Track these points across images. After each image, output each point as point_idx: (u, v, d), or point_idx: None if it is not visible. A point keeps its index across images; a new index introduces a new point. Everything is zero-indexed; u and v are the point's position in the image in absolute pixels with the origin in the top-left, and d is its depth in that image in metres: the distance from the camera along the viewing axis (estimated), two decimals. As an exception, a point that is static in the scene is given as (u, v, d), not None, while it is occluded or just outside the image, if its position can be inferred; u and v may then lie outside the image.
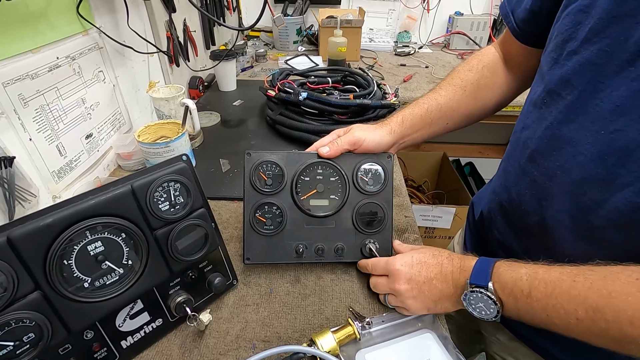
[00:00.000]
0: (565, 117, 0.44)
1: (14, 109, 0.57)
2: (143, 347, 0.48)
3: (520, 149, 0.51)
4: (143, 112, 0.97)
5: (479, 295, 0.42)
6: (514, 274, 0.41)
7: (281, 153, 0.57)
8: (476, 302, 0.43)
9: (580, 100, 0.42)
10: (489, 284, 0.42)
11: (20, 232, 0.35)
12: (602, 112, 0.39)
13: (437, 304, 0.48)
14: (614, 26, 0.38)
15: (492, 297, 0.41)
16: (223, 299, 0.55)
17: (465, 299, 0.44)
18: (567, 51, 0.44)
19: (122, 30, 0.84)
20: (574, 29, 0.43)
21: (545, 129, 0.46)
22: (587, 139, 0.36)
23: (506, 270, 0.42)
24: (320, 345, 0.45)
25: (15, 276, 0.35)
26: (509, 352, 0.61)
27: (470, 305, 0.44)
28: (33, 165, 0.61)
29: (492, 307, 0.42)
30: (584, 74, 0.41)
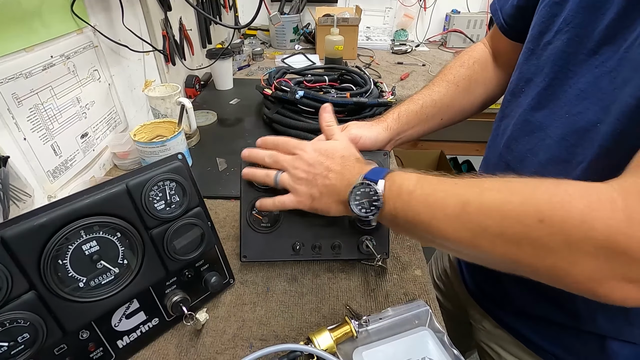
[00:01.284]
0: (537, 104, 0.46)
1: (7, 108, 0.56)
2: (139, 346, 0.47)
3: (500, 137, 0.54)
4: (139, 111, 0.97)
5: (366, 190, 0.42)
6: (406, 175, 0.42)
7: (277, 151, 0.57)
8: (361, 197, 0.43)
9: (551, 87, 0.44)
10: (380, 181, 0.42)
11: (14, 232, 0.35)
12: (569, 97, 0.42)
13: (322, 197, 0.47)
14: (582, 16, 0.41)
15: (379, 193, 0.41)
16: (220, 298, 0.54)
17: (353, 192, 0.43)
18: (544, 42, 0.46)
19: (117, 28, 0.83)
20: (550, 20, 0.45)
21: (519, 115, 0.49)
22: (555, 122, 0.38)
23: (400, 172, 0.43)
24: (318, 344, 0.45)
25: (9, 276, 0.35)
26: (494, 340, 0.62)
27: (355, 199, 0.43)
28: (28, 165, 0.60)
29: (375, 204, 0.42)
30: (556, 62, 0.44)
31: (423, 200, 0.38)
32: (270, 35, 1.81)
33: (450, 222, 0.35)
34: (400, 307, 0.52)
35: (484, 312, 0.63)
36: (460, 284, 0.71)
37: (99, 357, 0.44)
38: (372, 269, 0.59)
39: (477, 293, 0.66)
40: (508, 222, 0.32)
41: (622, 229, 0.27)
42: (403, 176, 0.42)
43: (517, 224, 0.31)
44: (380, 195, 0.41)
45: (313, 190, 0.47)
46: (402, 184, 0.41)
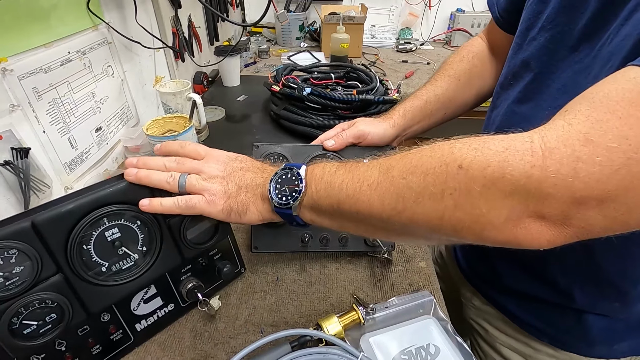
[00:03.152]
0: (523, 96, 0.49)
1: (28, 102, 0.58)
2: (156, 330, 0.50)
3: (490, 127, 0.56)
4: (149, 107, 0.99)
5: (287, 176, 0.42)
6: (327, 162, 0.42)
7: (287, 145, 0.59)
8: (282, 184, 0.42)
9: (536, 81, 0.47)
10: (303, 166, 0.42)
11: (44, 218, 0.37)
12: (552, 91, 0.44)
13: (239, 192, 0.44)
14: (563, 15, 0.43)
15: (301, 175, 0.41)
16: (231, 286, 0.57)
17: (273, 179, 0.42)
18: (529, 37, 0.49)
19: (129, 25, 0.85)
20: (535, 17, 0.48)
21: (507, 107, 0.52)
22: (539, 114, 0.40)
23: (321, 163, 0.43)
24: (327, 329, 0.47)
25: (39, 259, 0.37)
26: (482, 316, 0.66)
27: (275, 189, 0.42)
28: (46, 156, 0.63)
29: (296, 189, 0.41)
30: (541, 58, 0.46)
31: (346, 176, 0.38)
32: (276, 33, 1.83)
33: (375, 190, 0.35)
34: (406, 296, 0.54)
35: (475, 290, 0.67)
36: (454, 265, 0.74)
37: (119, 339, 0.46)
38: (378, 260, 0.61)
39: (469, 272, 0.69)
40: (430, 175, 0.32)
41: (537, 162, 0.27)
42: (327, 163, 0.42)
43: (438, 175, 0.31)
44: (302, 178, 0.40)
45: (229, 187, 0.44)
46: (324, 167, 0.41)
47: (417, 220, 0.33)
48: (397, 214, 0.34)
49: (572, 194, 0.26)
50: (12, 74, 0.55)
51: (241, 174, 0.45)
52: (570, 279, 0.50)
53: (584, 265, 0.48)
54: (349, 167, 0.39)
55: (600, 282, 0.48)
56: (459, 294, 0.72)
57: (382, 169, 0.36)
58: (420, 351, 0.47)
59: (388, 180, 0.34)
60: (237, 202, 0.43)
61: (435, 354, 0.47)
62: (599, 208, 0.26)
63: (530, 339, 0.58)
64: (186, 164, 0.45)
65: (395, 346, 0.48)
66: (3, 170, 0.53)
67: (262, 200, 0.44)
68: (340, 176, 0.38)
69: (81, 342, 0.43)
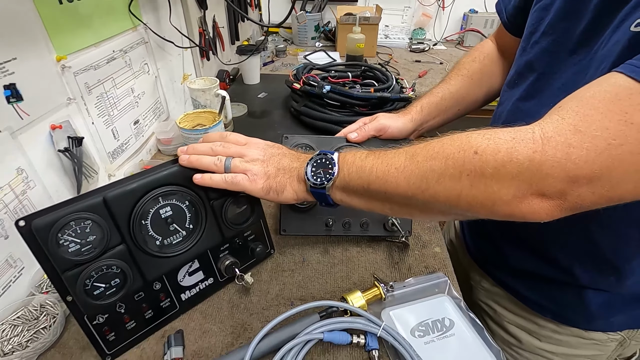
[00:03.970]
0: (527, 94, 0.54)
1: (81, 96, 0.65)
2: (198, 300, 0.55)
3: (496, 122, 0.61)
4: (178, 102, 1.05)
5: (322, 161, 0.47)
6: (358, 151, 0.47)
7: (314, 137, 0.64)
8: (317, 167, 0.47)
9: (539, 81, 0.52)
10: (335, 153, 0.48)
11: (113, 194, 0.43)
12: (553, 90, 0.49)
13: (278, 173, 0.49)
14: (563, 22, 0.49)
15: (334, 160, 0.46)
16: (262, 266, 0.62)
17: (309, 163, 0.48)
18: (532, 41, 0.54)
19: (163, 26, 0.92)
20: (538, 23, 0.53)
21: (512, 104, 0.57)
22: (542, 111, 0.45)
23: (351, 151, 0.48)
24: (351, 302, 0.52)
25: (108, 230, 0.43)
26: (491, 297, 0.71)
27: (311, 171, 0.47)
28: (94, 146, 0.69)
29: (330, 172, 0.46)
30: (543, 60, 0.52)
31: (376, 161, 0.43)
32: (292, 33, 1.88)
33: (402, 173, 0.40)
34: (422, 277, 0.59)
35: (483, 273, 0.72)
36: (464, 252, 0.79)
37: (167, 307, 0.52)
38: (396, 245, 0.66)
39: (478, 257, 0.74)
40: (450, 160, 0.37)
41: (538, 148, 0.33)
42: (356, 151, 0.47)
43: (457, 159, 0.37)
44: (335, 162, 0.46)
45: (269, 168, 0.49)
46: (355, 154, 0.46)
47: (438, 198, 0.39)
48: (421, 192, 0.40)
49: (567, 174, 0.32)
50: (70, 71, 0.61)
51: (279, 159, 0.51)
52: (570, 257, 0.55)
53: (582, 244, 0.53)
54: (378, 154, 0.45)
55: (597, 259, 0.53)
56: (469, 278, 0.77)
57: (408, 155, 0.41)
58: (436, 324, 0.52)
59: (414, 164, 0.40)
60: (276, 182, 0.49)
61: (450, 326, 0.52)
62: (588, 185, 0.32)
63: (535, 316, 0.63)
64: (231, 148, 0.51)
65: (413, 319, 0.53)
66: (62, 156, 0.60)
67: (298, 182, 0.49)
68: (371, 161, 0.44)
69: (137, 306, 0.49)
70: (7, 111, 0.50)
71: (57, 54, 0.58)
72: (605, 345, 0.61)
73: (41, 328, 0.49)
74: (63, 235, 0.40)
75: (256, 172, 0.49)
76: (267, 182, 0.49)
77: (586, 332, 0.60)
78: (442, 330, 0.51)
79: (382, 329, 0.48)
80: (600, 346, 0.61)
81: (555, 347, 0.63)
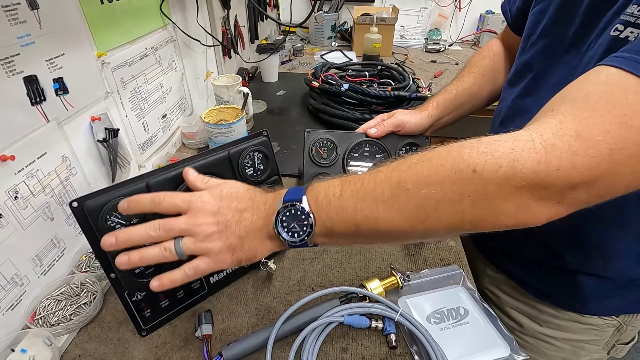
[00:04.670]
0: (525, 92, 0.58)
1: (117, 90, 0.69)
2: (225, 284, 0.59)
3: (497, 117, 0.65)
4: (201, 98, 1.09)
5: (292, 212, 0.39)
6: (326, 182, 0.40)
7: (335, 132, 0.67)
8: (289, 222, 0.40)
9: (535, 79, 0.56)
10: (303, 197, 0.39)
11: (156, 180, 0.47)
12: (547, 87, 0.53)
13: (244, 241, 0.41)
14: (557, 26, 0.52)
15: (306, 209, 0.39)
16: (284, 254, 0.65)
17: (277, 220, 0.40)
18: (530, 42, 0.58)
19: (189, 25, 0.96)
20: (535, 26, 0.57)
21: (512, 100, 0.60)
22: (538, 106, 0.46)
23: (319, 182, 0.41)
24: (370, 288, 0.55)
25: (150, 213, 0.47)
26: (495, 284, 0.74)
27: (283, 228, 0.40)
28: (127, 138, 0.73)
29: (306, 223, 0.39)
30: (539, 60, 0.56)
31: (356, 197, 0.37)
32: (309, 33, 1.91)
33: (392, 206, 0.35)
34: (437, 269, 0.62)
35: (487, 261, 0.75)
36: (469, 241, 0.81)
37: (197, 288, 0.56)
38: (412, 238, 0.68)
39: (482, 245, 0.77)
40: (447, 183, 0.33)
41: (542, 158, 0.31)
42: (324, 184, 0.40)
43: (454, 182, 0.33)
44: (308, 212, 0.38)
45: (231, 240, 0.40)
46: (327, 191, 0.39)
47: (439, 225, 0.35)
48: (419, 223, 0.36)
49: (570, 181, 0.31)
50: (108, 66, 0.65)
51: (238, 220, 0.41)
52: (560, 243, 0.58)
53: (567, 229, 0.54)
54: (352, 186, 0.38)
55: (582, 243, 0.56)
56: (475, 267, 0.79)
57: (393, 183, 0.36)
58: (451, 312, 0.55)
59: (403, 193, 0.35)
60: (244, 250, 0.41)
61: (464, 314, 0.54)
62: (585, 189, 0.32)
63: (535, 301, 0.66)
64: (173, 228, 0.40)
65: (428, 306, 0.55)
66: (100, 146, 0.64)
67: (270, 239, 0.42)
68: (350, 198, 0.38)
69: (170, 286, 0.52)
70: (55, 103, 0.54)
71: (98, 51, 0.63)
72: (602, 330, 0.63)
73: (82, 304, 0.53)
74: (111, 216, 0.44)
75: (217, 250, 0.40)
76: (234, 256, 0.41)
77: (583, 317, 0.62)
78: (457, 318, 0.54)
79: (399, 314, 0.51)
80: (597, 331, 0.63)
81: (555, 332, 0.66)
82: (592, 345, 0.65)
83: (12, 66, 0.47)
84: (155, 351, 0.50)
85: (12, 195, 0.48)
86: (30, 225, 0.51)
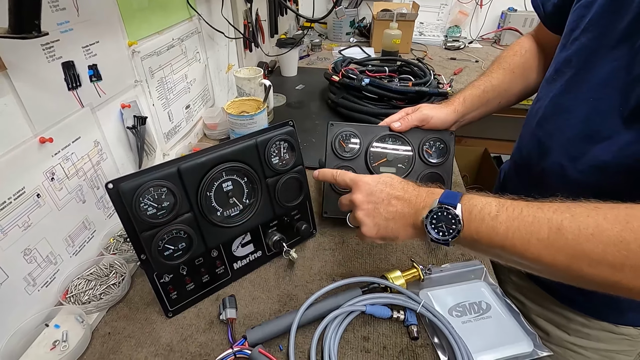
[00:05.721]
0: (565, 90, 0.55)
1: (145, 79, 0.70)
2: (247, 270, 0.60)
3: (533, 117, 0.62)
4: (222, 90, 1.10)
5: (444, 214, 0.42)
6: (484, 199, 0.42)
7: (359, 125, 0.68)
8: (438, 221, 0.43)
9: (577, 76, 0.53)
10: (458, 205, 0.42)
11: (187, 165, 0.48)
12: (591, 84, 0.50)
13: (388, 224, 0.47)
14: (605, 19, 0.50)
15: (458, 215, 0.42)
16: (305, 244, 0.66)
17: (429, 216, 0.43)
18: (572, 38, 0.55)
19: (214, 17, 0.97)
20: (578, 20, 0.54)
21: (550, 99, 0.58)
22: (579, 105, 0.44)
23: (477, 196, 0.43)
24: (391, 279, 0.55)
25: (180, 197, 0.48)
26: (520, 290, 0.72)
27: (431, 224, 0.43)
28: (153, 126, 0.75)
29: (454, 227, 0.42)
30: (581, 55, 0.53)
31: (510, 224, 0.38)
32: (327, 28, 1.91)
33: (546, 247, 0.36)
34: (459, 263, 0.62)
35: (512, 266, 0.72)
36: None
37: (221, 273, 0.57)
38: (432, 232, 0.68)
39: None
40: (610, 248, 0.33)
41: None
42: (481, 199, 0.42)
43: (620, 250, 0.33)
44: (460, 219, 0.42)
45: (377, 220, 0.47)
46: (482, 207, 0.41)
47: (588, 280, 0.36)
48: (567, 272, 0.36)
49: None
50: (138, 55, 0.67)
51: (387, 206, 0.47)
52: None
53: None
54: (509, 212, 0.39)
55: None
56: (498, 271, 0.78)
57: (552, 226, 0.36)
58: (473, 306, 0.55)
59: (561, 241, 0.35)
60: (387, 231, 0.48)
61: (486, 309, 0.54)
62: None
63: (564, 309, 0.64)
64: (343, 203, 0.53)
65: (450, 300, 0.55)
66: (129, 132, 0.66)
67: (413, 228, 0.47)
68: (504, 222, 0.39)
69: (197, 270, 0.54)
70: (89, 89, 0.56)
71: (129, 40, 0.64)
72: (636, 340, 0.61)
73: (111, 284, 0.55)
74: (143, 199, 0.45)
75: (367, 225, 0.49)
76: (378, 233, 0.48)
77: (617, 327, 0.60)
78: (479, 312, 0.54)
79: (421, 306, 0.51)
80: (631, 341, 0.61)
81: (584, 341, 0.64)
82: (623, 355, 0.64)
83: (52, 51, 0.49)
84: (181, 332, 0.51)
85: (49, 176, 0.50)
86: (65, 207, 0.53)
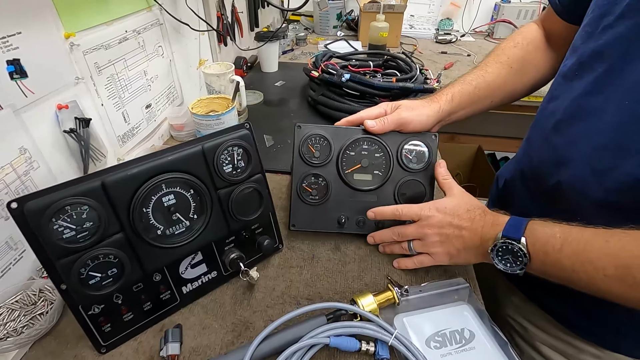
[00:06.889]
0: (594, 89, 0.46)
1: (90, 76, 0.62)
2: (200, 294, 0.53)
3: (546, 119, 0.54)
4: (192, 88, 1.02)
5: (509, 248, 0.43)
6: (548, 230, 0.42)
7: (329, 127, 0.60)
8: (504, 254, 0.44)
9: (610, 72, 0.44)
10: (522, 238, 0.43)
11: (112, 179, 0.40)
12: (628, 83, 0.41)
13: (460, 253, 0.50)
14: None
15: (523, 249, 0.42)
16: (269, 260, 0.59)
17: (494, 249, 0.45)
18: (603, 25, 0.45)
19: (179, 8, 0.89)
20: (611, 4, 0.44)
21: (572, 99, 0.49)
22: (611, 108, 0.38)
23: (540, 227, 0.43)
24: (362, 305, 0.48)
25: (106, 216, 0.40)
26: (522, 313, 0.64)
27: (497, 257, 0.45)
28: (103, 128, 0.67)
29: (520, 260, 0.43)
30: (617, 47, 0.43)
31: (575, 258, 0.39)
32: (313, 21, 1.83)
33: (614, 283, 0.37)
34: (440, 282, 0.55)
35: (513, 286, 0.66)
36: None
37: (167, 299, 0.50)
38: (413, 246, 0.61)
39: None
40: None
41: None
42: (545, 231, 0.42)
43: None
44: (525, 252, 0.42)
45: (450, 249, 0.51)
46: (547, 241, 0.41)
47: None
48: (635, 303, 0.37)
49: None
50: (79, 49, 0.59)
51: (457, 238, 0.50)
52: None
53: None
54: (574, 246, 0.39)
55: None
56: (495, 290, 0.71)
57: (619, 264, 0.36)
58: (454, 334, 0.48)
59: (629, 279, 0.36)
60: (460, 259, 0.52)
61: (469, 338, 0.47)
62: None
63: (574, 338, 0.57)
64: (407, 234, 0.55)
65: (429, 328, 0.48)
66: (68, 137, 0.58)
67: (483, 256, 0.48)
68: (568, 257, 0.40)
69: (135, 297, 0.46)
70: (10, 88, 0.48)
71: (65, 31, 0.56)
72: None
73: (38, 314, 0.48)
74: (57, 220, 0.38)
75: (438, 254, 0.52)
76: (451, 260, 0.52)
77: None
78: (461, 343, 0.47)
79: (394, 338, 0.44)
80: None
81: None
82: None
83: (-48, 44, 0.41)
84: (114, 372, 0.44)
85: (-45, 192, 0.43)
86: (-22, 226, 0.46)
